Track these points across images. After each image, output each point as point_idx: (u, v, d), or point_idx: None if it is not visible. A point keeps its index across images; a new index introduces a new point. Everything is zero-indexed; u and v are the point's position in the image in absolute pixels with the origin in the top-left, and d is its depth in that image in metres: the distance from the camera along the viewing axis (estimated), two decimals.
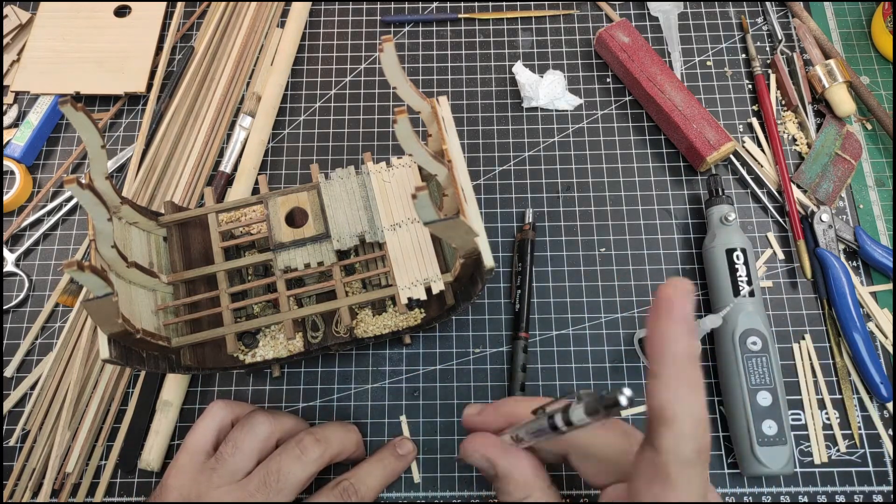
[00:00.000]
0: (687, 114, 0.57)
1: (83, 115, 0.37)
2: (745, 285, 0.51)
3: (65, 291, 0.55)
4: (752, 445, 0.47)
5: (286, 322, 0.46)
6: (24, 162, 0.60)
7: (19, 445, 0.52)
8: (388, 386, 0.53)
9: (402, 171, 0.50)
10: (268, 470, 0.43)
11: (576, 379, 0.53)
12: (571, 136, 0.60)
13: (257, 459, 0.44)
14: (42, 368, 0.54)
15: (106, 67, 0.63)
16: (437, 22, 0.65)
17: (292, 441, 0.45)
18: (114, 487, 0.51)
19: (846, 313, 0.52)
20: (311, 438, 0.45)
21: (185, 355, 0.46)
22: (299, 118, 0.62)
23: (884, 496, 0.49)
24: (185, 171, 0.59)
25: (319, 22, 0.66)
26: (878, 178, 0.59)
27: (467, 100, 0.62)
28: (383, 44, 0.38)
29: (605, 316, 0.55)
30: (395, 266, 0.47)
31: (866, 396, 0.52)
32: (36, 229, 0.58)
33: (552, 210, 0.58)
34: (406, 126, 0.38)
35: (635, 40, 0.60)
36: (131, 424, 0.52)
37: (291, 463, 0.43)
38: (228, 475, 0.43)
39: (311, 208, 0.49)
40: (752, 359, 0.49)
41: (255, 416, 0.46)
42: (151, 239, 0.49)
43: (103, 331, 0.40)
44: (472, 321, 0.55)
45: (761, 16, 0.65)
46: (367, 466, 0.47)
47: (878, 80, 0.62)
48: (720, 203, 0.54)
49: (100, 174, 0.41)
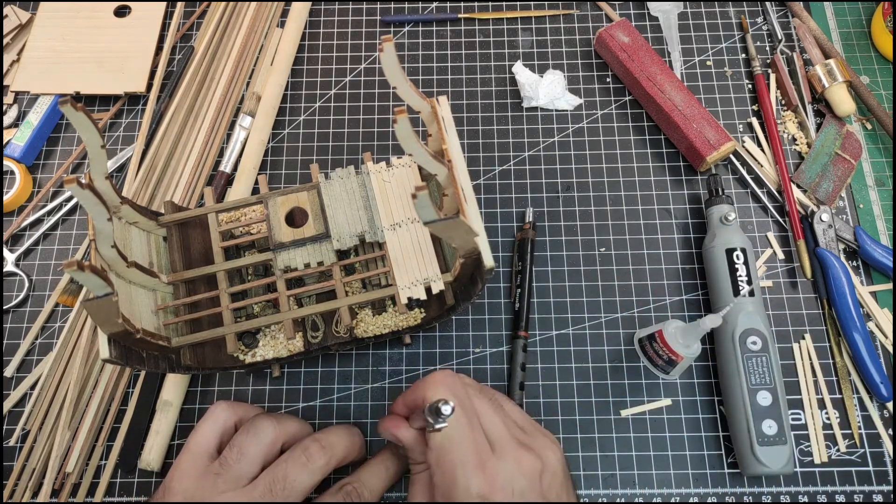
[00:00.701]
0: (687, 114, 0.57)
1: (83, 115, 0.37)
2: (745, 285, 0.51)
3: (65, 291, 0.55)
4: (752, 445, 0.47)
5: (286, 322, 0.46)
6: (24, 162, 0.60)
7: (19, 445, 0.52)
8: (388, 386, 0.53)
9: (402, 171, 0.50)
10: (274, 477, 0.43)
11: (576, 379, 0.53)
12: (571, 136, 0.61)
13: (262, 465, 0.44)
14: (42, 368, 0.54)
15: (106, 67, 0.63)
16: (437, 22, 0.65)
17: (298, 448, 0.45)
18: (114, 487, 0.51)
19: (846, 313, 0.52)
20: (317, 446, 0.45)
21: (185, 355, 0.46)
22: (299, 118, 0.62)
23: (884, 496, 0.49)
24: (185, 171, 0.59)
25: (319, 22, 0.66)
26: (878, 178, 0.59)
27: (467, 100, 0.62)
28: (383, 44, 0.38)
29: (605, 316, 0.55)
30: (395, 266, 0.47)
31: (866, 396, 0.52)
32: (36, 229, 0.58)
33: (552, 210, 0.58)
34: (406, 126, 0.38)
35: (635, 40, 0.60)
36: (131, 424, 0.52)
37: (297, 470, 0.43)
38: (233, 481, 0.43)
39: (311, 208, 0.49)
40: (752, 359, 0.49)
41: (260, 420, 0.45)
42: (151, 239, 0.49)
43: (103, 331, 0.40)
44: (472, 321, 0.55)
45: (761, 16, 0.65)
46: (369, 468, 0.47)
47: (878, 80, 0.62)
48: (720, 203, 0.54)
49: (100, 174, 0.41)
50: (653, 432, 0.51)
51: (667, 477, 0.50)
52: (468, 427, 0.41)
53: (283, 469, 0.43)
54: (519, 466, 0.41)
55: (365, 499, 0.45)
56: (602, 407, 0.52)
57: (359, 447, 0.48)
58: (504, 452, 0.41)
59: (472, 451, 0.40)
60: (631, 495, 0.50)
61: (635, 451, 0.51)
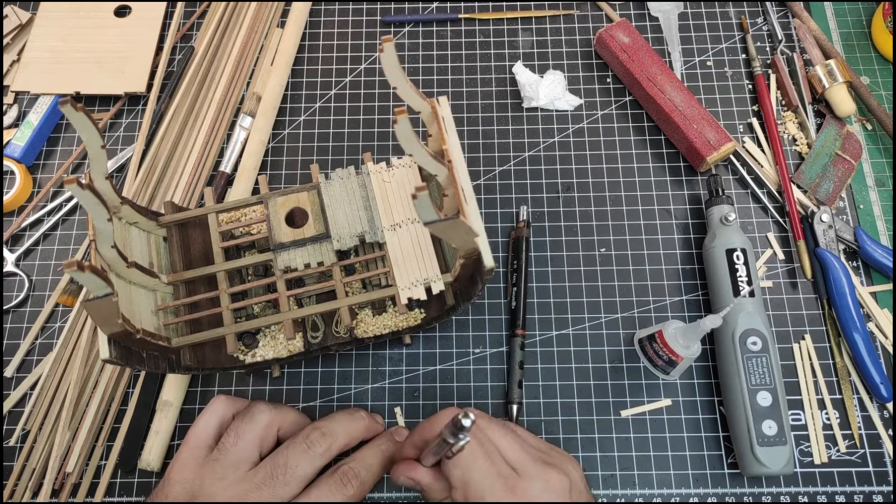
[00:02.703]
0: (687, 114, 0.57)
1: (83, 115, 0.37)
2: (745, 285, 0.51)
3: (65, 291, 0.55)
4: (752, 445, 0.47)
5: (286, 322, 0.46)
6: (24, 162, 0.60)
7: (19, 445, 0.52)
8: (388, 386, 0.53)
9: (402, 171, 0.50)
10: (275, 463, 0.43)
11: (576, 379, 0.53)
12: (571, 137, 0.60)
13: (259, 448, 0.45)
14: (42, 368, 0.54)
15: (106, 67, 0.63)
16: (437, 22, 0.65)
17: (300, 436, 0.45)
18: (114, 487, 0.51)
19: (846, 313, 0.52)
20: (317, 433, 0.45)
21: (185, 355, 0.46)
22: (299, 118, 0.62)
23: (884, 496, 0.49)
24: (185, 171, 0.59)
25: (319, 22, 0.66)
26: (878, 179, 0.59)
27: (467, 100, 0.62)
28: (383, 44, 0.38)
29: (605, 316, 0.55)
30: (395, 266, 0.47)
31: (866, 396, 0.52)
32: (36, 229, 0.58)
33: (552, 210, 0.58)
34: (406, 126, 0.38)
35: (635, 40, 0.60)
36: (131, 424, 0.52)
37: (299, 456, 0.44)
38: (231, 465, 0.43)
39: (311, 208, 0.49)
40: (752, 359, 0.49)
41: (256, 405, 0.46)
42: (151, 239, 0.49)
43: (103, 331, 0.40)
44: (472, 321, 0.55)
45: (761, 16, 0.65)
46: (365, 451, 0.48)
47: (878, 80, 0.62)
48: (720, 203, 0.54)
49: (100, 174, 0.41)
50: (653, 433, 0.51)
51: (667, 477, 0.50)
52: (486, 455, 0.41)
53: (283, 456, 0.44)
54: (548, 484, 0.41)
55: (361, 479, 0.46)
56: (602, 407, 0.52)
57: (362, 430, 0.48)
58: (530, 473, 0.41)
59: (497, 476, 0.40)
60: (631, 496, 0.50)
61: (635, 452, 0.51)
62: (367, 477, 0.46)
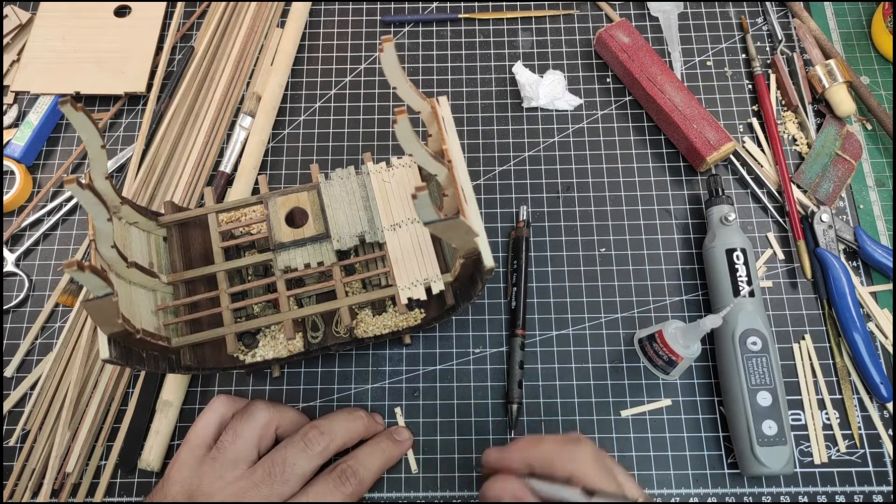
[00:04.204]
0: (687, 114, 0.57)
1: (83, 115, 0.37)
2: (745, 285, 0.51)
3: (65, 291, 0.55)
4: (752, 445, 0.47)
5: (286, 322, 0.46)
6: (24, 162, 0.60)
7: (19, 445, 0.52)
8: (388, 386, 0.53)
9: (402, 171, 0.50)
10: (273, 461, 0.44)
11: (576, 379, 0.53)
12: (571, 136, 0.60)
13: (257, 447, 0.45)
14: (42, 368, 0.54)
15: (106, 67, 0.63)
16: (437, 22, 0.65)
17: (298, 434, 0.45)
18: (114, 487, 0.51)
19: (846, 313, 0.52)
20: (315, 432, 0.45)
21: (185, 355, 0.46)
22: (299, 118, 0.62)
23: (884, 496, 0.49)
24: (185, 171, 0.59)
25: (319, 22, 0.66)
26: (878, 179, 0.59)
27: (467, 100, 0.62)
28: (383, 44, 0.38)
29: (605, 316, 0.55)
30: (395, 266, 0.47)
31: (866, 396, 0.52)
32: (36, 229, 0.58)
33: (552, 210, 0.58)
34: (406, 126, 0.38)
35: (635, 40, 0.60)
36: (131, 424, 0.52)
37: (297, 455, 0.44)
38: (230, 463, 0.43)
39: (311, 208, 0.49)
40: (752, 359, 0.49)
41: (255, 404, 0.47)
42: (151, 239, 0.49)
43: (103, 331, 0.40)
44: (472, 321, 0.55)
45: (761, 16, 0.64)
46: (365, 450, 0.48)
47: (878, 80, 0.62)
48: (720, 203, 0.54)
49: (100, 174, 0.41)
50: (653, 433, 0.51)
51: (667, 477, 0.50)
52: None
53: (282, 454, 0.44)
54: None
55: (360, 478, 0.46)
56: (602, 407, 0.52)
57: (361, 429, 0.48)
58: None
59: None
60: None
61: (635, 452, 0.51)
62: (365, 476, 0.46)
